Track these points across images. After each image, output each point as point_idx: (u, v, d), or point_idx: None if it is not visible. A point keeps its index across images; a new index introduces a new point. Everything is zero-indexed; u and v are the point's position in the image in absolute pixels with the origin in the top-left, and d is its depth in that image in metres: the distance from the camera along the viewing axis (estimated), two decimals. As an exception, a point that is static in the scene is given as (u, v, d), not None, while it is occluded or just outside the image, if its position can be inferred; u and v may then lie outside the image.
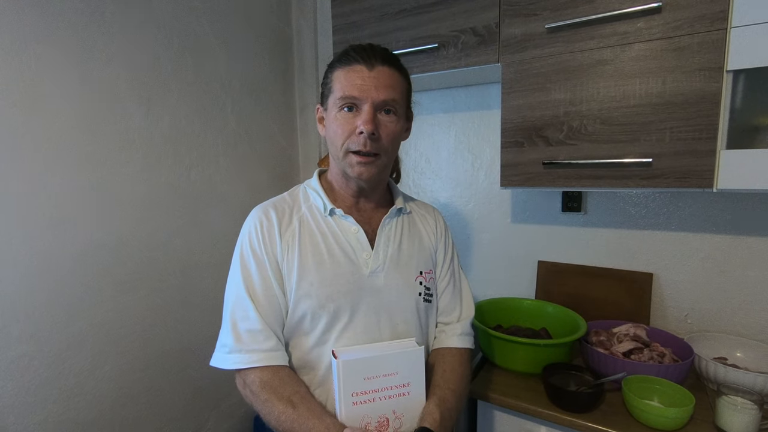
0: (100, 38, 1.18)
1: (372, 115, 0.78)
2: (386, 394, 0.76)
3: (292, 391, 0.76)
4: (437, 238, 0.97)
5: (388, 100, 0.79)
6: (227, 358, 0.79)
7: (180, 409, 1.44)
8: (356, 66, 0.79)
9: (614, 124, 1.06)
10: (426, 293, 0.89)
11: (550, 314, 1.35)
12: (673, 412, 0.91)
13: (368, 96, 0.78)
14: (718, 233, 1.25)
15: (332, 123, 0.82)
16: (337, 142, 0.81)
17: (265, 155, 1.73)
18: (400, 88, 0.82)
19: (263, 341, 0.78)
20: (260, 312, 0.79)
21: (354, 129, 0.79)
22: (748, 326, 1.22)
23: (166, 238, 1.38)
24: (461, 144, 1.62)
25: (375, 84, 0.78)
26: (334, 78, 0.81)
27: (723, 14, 0.92)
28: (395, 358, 0.76)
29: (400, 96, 0.82)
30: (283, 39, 1.80)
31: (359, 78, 0.78)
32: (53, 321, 1.12)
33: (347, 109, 0.79)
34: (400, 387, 0.77)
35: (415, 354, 0.77)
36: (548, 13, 1.10)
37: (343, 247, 0.84)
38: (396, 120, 0.82)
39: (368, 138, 0.78)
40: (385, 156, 0.83)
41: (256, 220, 0.84)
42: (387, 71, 0.80)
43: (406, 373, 0.77)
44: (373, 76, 0.78)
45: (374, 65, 0.79)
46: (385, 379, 0.75)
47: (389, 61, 0.81)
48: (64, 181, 1.13)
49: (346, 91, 0.78)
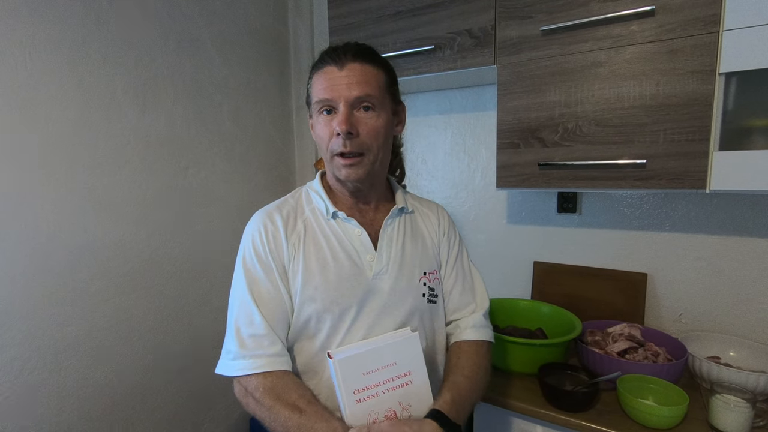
0: (96, 39, 1.18)
1: (347, 115, 0.77)
2: (389, 386, 0.74)
3: (298, 396, 0.74)
4: (440, 236, 0.95)
5: (362, 96, 0.77)
6: (231, 365, 0.77)
7: (175, 411, 1.44)
8: (327, 68, 0.79)
9: (609, 126, 1.07)
10: (430, 294, 0.88)
11: (545, 314, 1.35)
12: (667, 410, 0.92)
13: (340, 96, 0.77)
14: (711, 234, 1.26)
15: (316, 127, 0.82)
16: (322, 146, 0.81)
17: (261, 157, 1.73)
18: (375, 81, 0.79)
19: (268, 346, 0.77)
20: (265, 317, 0.78)
21: (333, 131, 0.78)
22: (741, 326, 1.24)
23: (162, 241, 1.37)
24: (457, 145, 1.63)
25: (346, 83, 0.77)
26: (312, 83, 0.82)
27: (715, 17, 0.93)
28: (390, 348, 0.74)
29: (377, 90, 0.79)
30: (280, 40, 1.80)
31: (330, 79, 0.78)
32: (49, 323, 1.11)
33: (326, 112, 0.79)
34: (401, 377, 0.74)
35: (410, 340, 0.75)
36: (543, 16, 1.11)
37: (347, 249, 0.83)
38: (376, 115, 0.80)
39: (345, 138, 0.77)
40: (371, 154, 0.80)
41: (260, 225, 0.83)
42: (358, 67, 0.78)
43: (405, 362, 0.75)
44: (343, 75, 0.77)
45: (344, 64, 0.78)
46: (384, 372, 0.73)
47: (361, 56, 0.79)
48: (59, 182, 1.12)
49: (319, 95, 0.79)
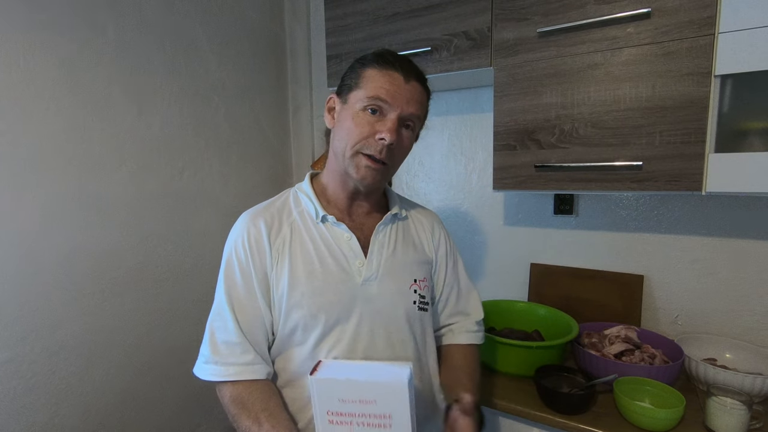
0: (91, 41, 1.17)
1: (396, 126, 0.78)
2: (363, 421, 0.69)
3: (261, 408, 0.73)
4: (435, 245, 0.94)
5: (414, 115, 0.80)
6: (204, 369, 0.77)
7: (171, 414, 1.43)
8: (394, 72, 0.78)
9: (605, 128, 1.07)
10: (421, 301, 0.86)
11: (542, 316, 1.35)
12: (663, 413, 0.92)
13: (398, 105, 0.77)
14: (707, 236, 1.26)
15: (348, 120, 0.79)
16: (349, 141, 0.78)
17: (257, 158, 1.72)
18: (424, 107, 0.84)
19: (240, 354, 0.76)
20: (241, 324, 0.77)
21: (373, 133, 0.77)
22: (737, 327, 1.24)
23: (158, 242, 1.36)
24: (454, 147, 1.63)
25: (408, 97, 0.78)
26: (367, 75, 0.79)
27: (711, 20, 0.93)
28: (373, 386, 0.68)
29: (423, 114, 0.84)
30: (276, 42, 1.80)
31: (395, 85, 0.77)
32: (43, 325, 1.10)
33: (371, 111, 0.77)
34: (380, 417, 0.69)
35: (396, 387, 0.67)
36: (540, 18, 1.11)
37: (335, 255, 0.81)
38: (412, 136, 0.83)
39: (387, 147, 0.77)
40: (393, 168, 0.84)
41: (244, 230, 0.81)
42: (419, 88, 0.81)
43: (386, 405, 0.68)
44: (408, 88, 0.78)
45: (410, 78, 0.79)
46: (362, 405, 0.68)
47: (421, 79, 0.82)
48: (54, 184, 1.11)
49: (379, 93, 0.76)
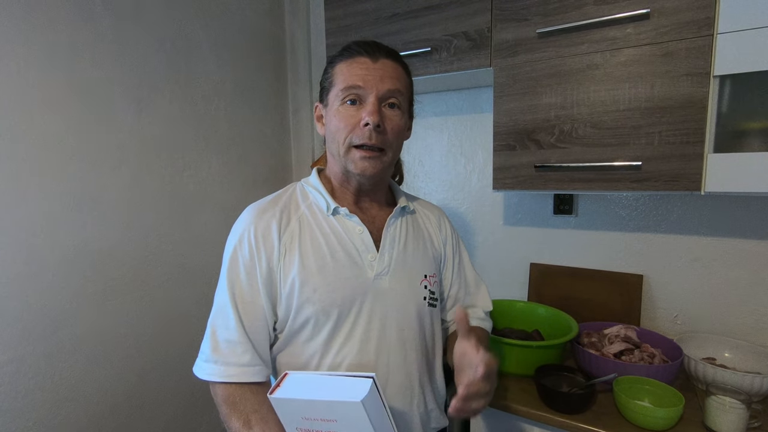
0: (90, 40, 1.17)
1: (377, 107, 0.75)
2: None
3: (252, 410, 0.71)
4: (443, 240, 0.94)
5: (393, 90, 0.77)
6: (203, 367, 0.75)
7: (171, 415, 1.43)
8: (359, 58, 0.77)
9: (604, 128, 1.07)
10: (431, 298, 0.86)
11: (542, 316, 1.36)
12: (663, 412, 0.92)
13: (373, 86, 0.75)
14: (706, 235, 1.26)
15: (333, 118, 0.78)
16: (339, 138, 0.77)
17: (257, 158, 1.73)
18: (404, 81, 0.80)
19: (241, 354, 0.74)
20: (243, 322, 0.75)
21: (358, 122, 0.75)
22: (736, 327, 1.24)
23: (158, 242, 1.37)
24: (454, 147, 1.63)
25: (380, 75, 0.76)
26: (336, 71, 0.79)
27: (709, 21, 0.94)
28: (331, 405, 0.65)
29: (405, 89, 0.80)
30: (276, 42, 1.80)
31: (363, 69, 0.76)
32: (43, 326, 1.10)
33: (350, 102, 0.76)
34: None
35: (353, 406, 0.63)
36: (539, 19, 1.12)
37: (347, 248, 0.79)
38: (400, 114, 0.79)
39: (374, 130, 0.75)
40: (390, 152, 0.80)
41: (251, 224, 0.77)
42: (391, 64, 0.78)
43: (348, 423, 0.65)
44: (377, 67, 0.76)
45: (378, 57, 0.77)
46: (325, 424, 0.66)
47: (392, 56, 0.80)
48: (54, 184, 1.11)
49: (349, 81, 0.76)
